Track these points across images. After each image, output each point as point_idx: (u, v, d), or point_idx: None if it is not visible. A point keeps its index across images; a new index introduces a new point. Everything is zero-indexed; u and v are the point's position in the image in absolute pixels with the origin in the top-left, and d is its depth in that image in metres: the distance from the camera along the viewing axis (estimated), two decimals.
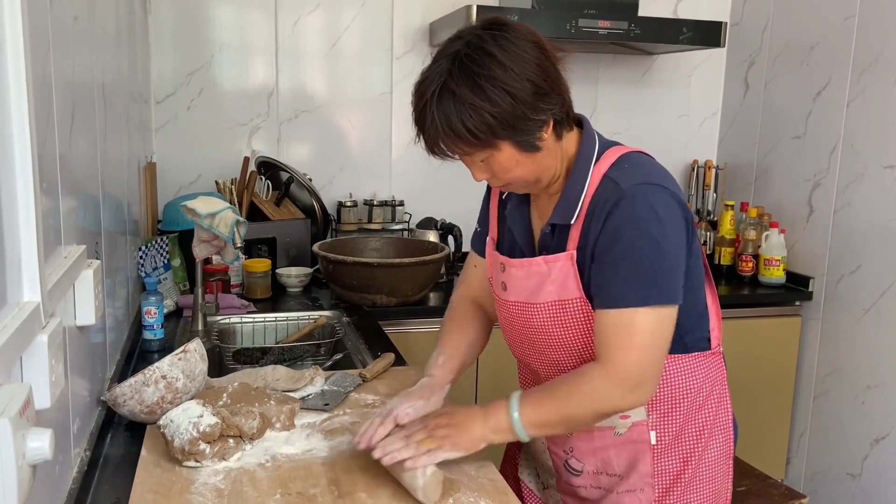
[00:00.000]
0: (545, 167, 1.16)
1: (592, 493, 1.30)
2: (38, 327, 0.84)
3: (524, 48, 1.06)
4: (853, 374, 2.52)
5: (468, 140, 1.07)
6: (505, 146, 1.09)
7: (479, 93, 1.04)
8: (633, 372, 1.12)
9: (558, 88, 1.11)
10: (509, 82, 1.04)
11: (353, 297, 2.28)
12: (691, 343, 1.25)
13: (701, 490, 1.27)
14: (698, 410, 1.27)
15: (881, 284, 2.40)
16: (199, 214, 1.82)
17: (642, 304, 1.10)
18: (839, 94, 2.54)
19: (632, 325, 1.11)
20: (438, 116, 1.06)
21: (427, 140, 1.12)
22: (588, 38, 2.48)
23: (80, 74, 1.24)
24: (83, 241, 1.19)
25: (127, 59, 1.95)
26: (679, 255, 1.14)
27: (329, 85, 2.77)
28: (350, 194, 2.79)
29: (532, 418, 1.14)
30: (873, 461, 2.44)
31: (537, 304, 1.22)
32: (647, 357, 1.12)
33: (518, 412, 1.14)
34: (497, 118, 1.05)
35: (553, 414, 1.15)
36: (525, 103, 1.05)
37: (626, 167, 1.16)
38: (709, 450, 1.28)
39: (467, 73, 1.04)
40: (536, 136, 1.10)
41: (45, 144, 0.93)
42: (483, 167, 1.15)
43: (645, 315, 1.11)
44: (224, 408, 1.29)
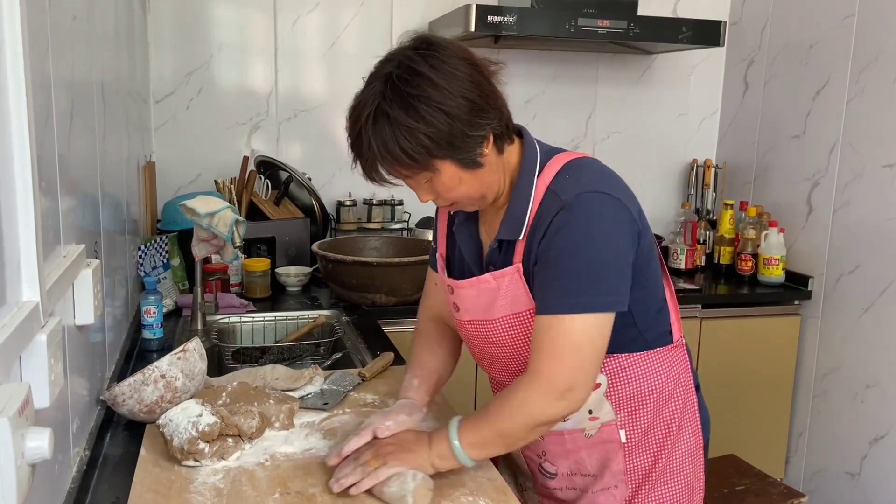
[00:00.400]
0: (489, 183, 1.15)
1: (568, 493, 1.31)
2: (37, 326, 0.84)
3: (455, 65, 1.05)
4: (852, 374, 2.52)
5: (406, 163, 1.06)
6: (445, 165, 1.08)
7: (414, 114, 1.03)
8: (558, 378, 1.10)
9: (494, 102, 1.10)
10: (444, 101, 1.03)
11: (352, 297, 2.28)
12: (652, 339, 1.25)
13: (673, 483, 1.28)
14: (665, 405, 1.27)
15: (880, 283, 2.40)
16: (198, 214, 1.82)
17: (572, 310, 1.09)
18: (838, 93, 2.55)
19: (559, 332, 1.09)
20: (375, 141, 1.05)
21: (364, 165, 1.10)
22: (587, 37, 2.48)
23: (80, 74, 1.24)
24: (82, 241, 1.19)
25: (126, 58, 1.95)
26: (621, 261, 1.12)
27: (328, 84, 2.77)
28: (349, 193, 2.79)
29: (470, 440, 1.13)
30: (872, 460, 2.44)
31: (492, 321, 1.22)
32: (574, 363, 1.10)
33: (457, 438, 1.13)
34: (433, 138, 1.04)
35: (488, 432, 1.14)
36: (461, 121, 1.04)
37: (567, 177, 1.15)
38: (679, 443, 1.29)
39: (400, 95, 1.03)
40: (477, 152, 1.09)
41: (44, 144, 0.93)
42: (427, 188, 1.13)
43: (574, 322, 1.09)
44: (223, 407, 1.29)
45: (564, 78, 2.97)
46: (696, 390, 1.35)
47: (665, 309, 1.28)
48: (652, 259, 1.22)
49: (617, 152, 3.07)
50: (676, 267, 2.86)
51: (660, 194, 3.15)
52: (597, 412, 1.25)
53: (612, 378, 1.23)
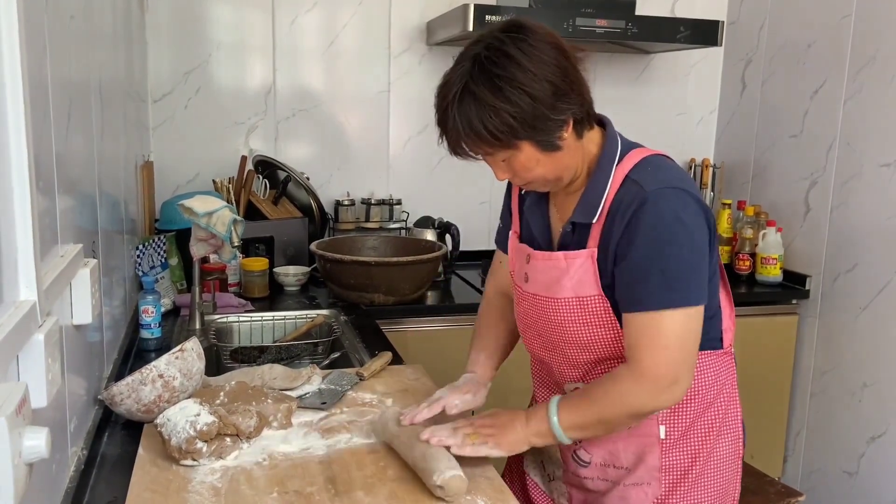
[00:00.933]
0: (566, 166, 1.18)
1: (599, 485, 1.31)
2: (35, 326, 0.84)
3: (543, 50, 1.09)
4: (850, 372, 2.52)
5: (489, 141, 1.10)
6: (525, 146, 1.11)
7: (499, 94, 1.06)
8: (662, 372, 1.13)
9: (578, 88, 1.12)
10: (528, 83, 1.06)
11: (350, 296, 2.28)
12: (703, 341, 1.25)
13: (708, 488, 1.28)
14: (707, 408, 1.27)
15: (878, 282, 2.41)
16: (196, 213, 1.82)
17: (667, 306, 1.12)
18: (836, 92, 2.55)
19: (658, 328, 1.13)
20: (460, 118, 1.09)
21: (450, 141, 1.14)
22: (585, 36, 2.48)
23: (77, 73, 1.24)
24: (80, 240, 1.19)
25: (124, 57, 1.95)
26: (702, 257, 1.15)
27: (326, 83, 2.77)
28: (347, 193, 2.79)
29: (570, 421, 1.18)
30: (870, 459, 2.45)
31: (556, 299, 1.24)
32: (676, 356, 1.14)
33: (556, 416, 1.18)
34: (517, 119, 1.07)
35: (589, 417, 1.18)
36: (544, 103, 1.07)
37: (649, 170, 1.17)
38: (718, 448, 1.29)
39: (487, 75, 1.07)
40: (556, 135, 1.11)
41: (41, 143, 0.93)
42: (505, 167, 1.17)
43: (671, 316, 1.12)
44: (221, 406, 1.29)
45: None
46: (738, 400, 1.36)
47: (718, 315, 1.29)
48: (715, 263, 1.24)
49: None
50: None
51: None
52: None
53: None
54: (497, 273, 1.49)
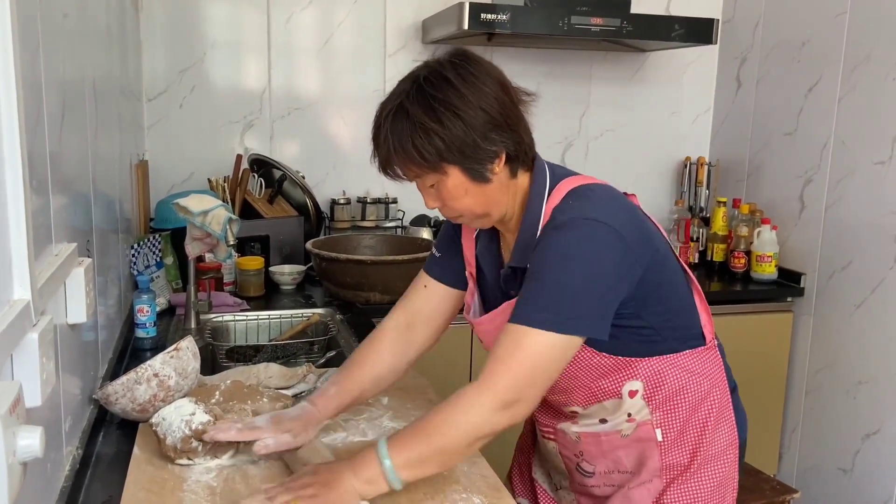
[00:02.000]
0: (495, 201, 1.16)
1: (605, 490, 1.32)
2: (29, 325, 0.84)
3: (484, 81, 1.10)
4: (845, 370, 2.53)
5: (417, 160, 1.09)
6: (454, 171, 1.11)
7: (432, 115, 1.07)
8: (507, 388, 1.08)
9: (514, 125, 1.12)
10: (462, 108, 1.07)
11: (346, 295, 2.27)
12: (682, 342, 1.26)
13: (707, 478, 1.28)
14: (700, 404, 1.28)
15: (872, 280, 2.41)
16: (191, 212, 1.82)
17: (533, 325, 1.08)
18: (830, 90, 2.55)
19: (517, 343, 1.08)
20: (392, 135, 1.09)
21: (380, 158, 1.14)
22: (580, 35, 2.48)
23: (71, 72, 1.24)
24: (74, 239, 1.18)
25: (118, 56, 1.95)
26: (602, 289, 1.10)
27: (322, 82, 2.77)
28: (343, 192, 2.79)
29: (404, 459, 1.07)
30: (864, 456, 2.46)
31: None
32: (527, 377, 1.08)
33: (388, 459, 1.06)
34: (446, 141, 1.07)
35: (426, 449, 1.08)
36: (476, 131, 1.08)
37: (570, 203, 1.15)
38: (715, 441, 1.29)
39: (423, 96, 1.08)
40: (486, 166, 1.11)
41: (34, 142, 0.93)
42: (434, 193, 1.15)
43: (534, 336, 1.08)
44: (216, 406, 1.29)
45: (558, 76, 2.97)
46: (731, 391, 1.36)
47: (693, 313, 1.28)
48: (666, 274, 1.22)
49: (610, 150, 3.07)
50: None
51: (653, 192, 3.16)
52: (634, 414, 1.26)
53: (650, 382, 1.23)
54: (415, 299, 1.39)
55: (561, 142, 3.03)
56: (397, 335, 1.37)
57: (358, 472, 1.07)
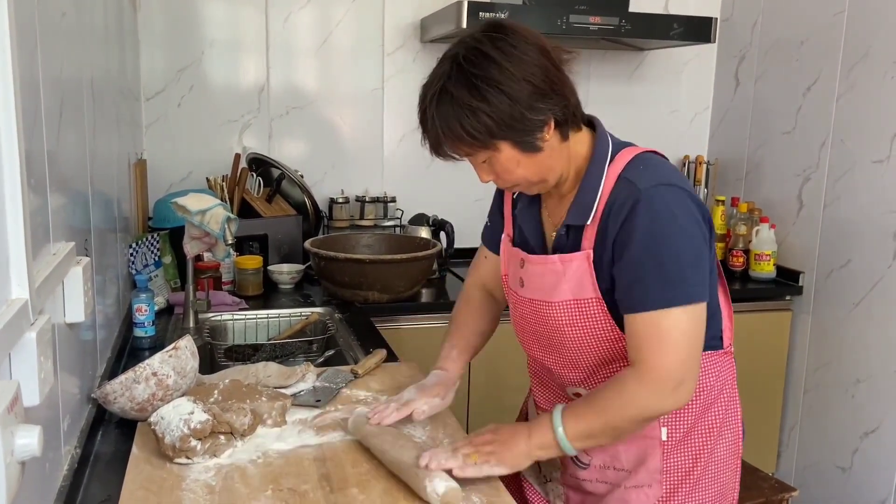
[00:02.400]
0: (549, 167, 1.17)
1: (598, 487, 1.30)
2: (27, 324, 0.84)
3: (523, 50, 1.08)
4: (843, 368, 2.53)
5: (467, 141, 1.09)
6: (504, 146, 1.11)
7: (476, 94, 1.06)
8: (668, 374, 1.11)
9: (560, 89, 1.11)
10: (505, 83, 1.06)
11: (344, 294, 2.27)
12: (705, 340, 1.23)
13: (709, 488, 1.28)
14: (709, 408, 1.27)
15: (871, 278, 2.42)
16: (189, 211, 1.82)
17: (668, 305, 1.10)
18: (829, 89, 2.56)
19: (660, 328, 1.11)
20: (438, 119, 1.09)
21: (430, 142, 1.14)
22: (579, 33, 2.48)
23: (69, 71, 1.24)
24: (72, 239, 1.18)
25: (116, 55, 1.95)
26: (699, 254, 1.14)
27: (320, 81, 2.77)
28: (342, 191, 2.79)
29: (576, 431, 1.14)
30: (863, 454, 2.46)
31: (553, 303, 1.22)
32: (681, 356, 1.12)
33: (562, 427, 1.14)
34: (494, 119, 1.07)
35: (596, 425, 1.15)
36: (522, 103, 1.07)
37: (641, 168, 1.16)
38: (718, 448, 1.28)
39: (464, 75, 1.07)
40: (537, 136, 1.11)
41: (32, 141, 0.93)
42: (486, 168, 1.16)
43: (672, 315, 1.11)
44: (215, 404, 1.29)
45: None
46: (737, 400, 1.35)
47: (717, 315, 1.29)
48: (712, 261, 1.23)
49: None
50: None
51: None
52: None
53: None
54: (480, 267, 1.48)
55: None
56: (483, 295, 1.48)
57: (533, 437, 1.16)
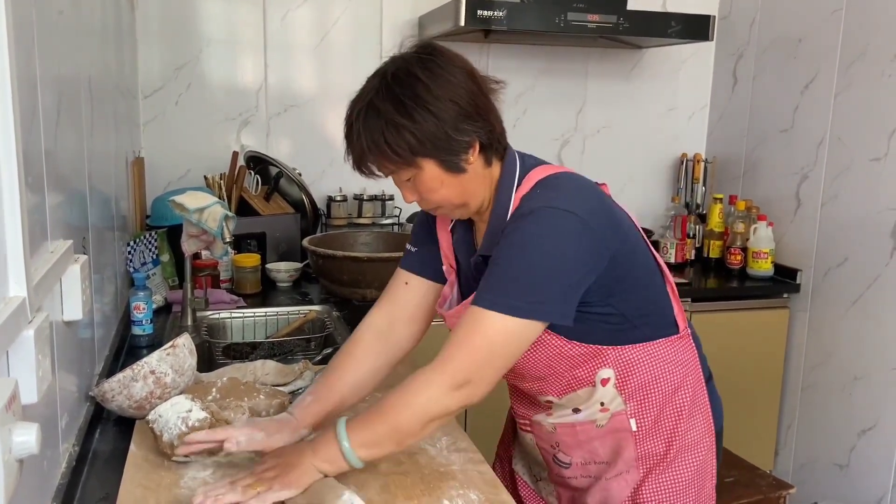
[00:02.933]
0: (471, 192, 1.17)
1: (582, 481, 1.33)
2: (25, 322, 0.84)
3: (451, 72, 1.10)
4: (840, 366, 2.54)
5: (391, 157, 1.10)
6: (428, 165, 1.12)
7: (402, 110, 1.08)
8: (460, 368, 1.09)
9: (485, 114, 1.13)
10: (432, 102, 1.08)
11: (343, 292, 2.28)
12: (655, 331, 1.26)
13: (683, 467, 1.29)
14: (674, 393, 1.28)
15: (867, 277, 2.42)
16: (187, 209, 1.82)
17: (491, 308, 1.09)
18: (826, 87, 2.56)
19: (474, 325, 1.10)
20: (364, 133, 1.11)
21: (354, 156, 1.15)
22: (577, 31, 2.48)
23: (66, 69, 1.23)
24: (70, 236, 1.18)
25: (114, 53, 1.94)
26: (567, 276, 1.10)
27: (318, 79, 2.77)
28: (340, 189, 2.79)
29: (362, 439, 1.09)
30: (860, 452, 2.47)
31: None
32: (480, 358, 1.09)
33: (346, 437, 1.09)
34: (418, 136, 1.08)
35: (382, 428, 1.10)
36: (447, 123, 1.08)
37: (538, 192, 1.16)
38: (691, 430, 1.30)
39: (392, 92, 1.09)
40: (461, 157, 1.12)
41: (30, 139, 0.93)
42: (410, 187, 1.17)
43: (491, 318, 1.09)
44: (213, 402, 1.29)
45: (554, 72, 2.97)
46: (707, 380, 1.36)
47: (664, 302, 1.29)
48: (637, 262, 1.23)
49: (607, 147, 3.07)
50: (666, 261, 2.86)
51: (649, 189, 3.16)
52: (608, 404, 1.26)
53: (620, 370, 1.24)
54: (395, 297, 1.37)
55: (557, 138, 3.03)
56: (377, 337, 1.34)
57: (318, 452, 1.10)
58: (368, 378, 1.32)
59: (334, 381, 1.29)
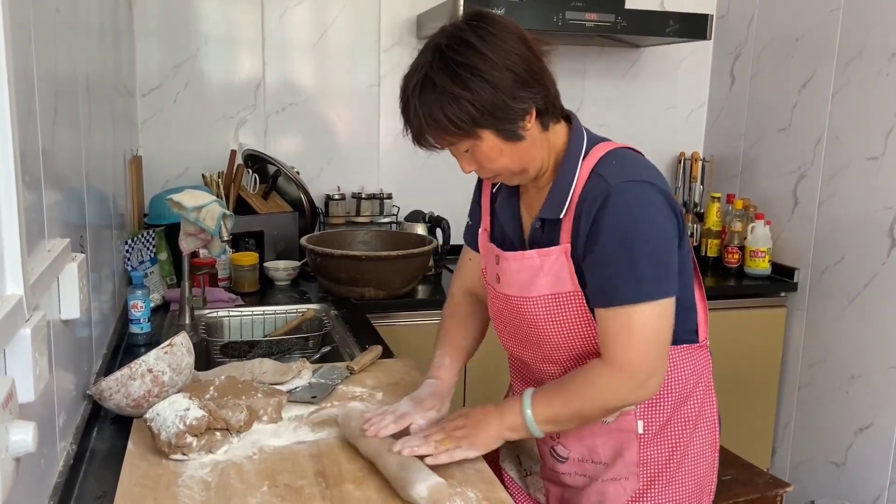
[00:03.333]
0: (531, 157, 1.17)
1: (577, 480, 1.32)
2: (22, 320, 0.84)
3: (504, 39, 1.09)
4: (837, 365, 2.54)
5: (450, 129, 1.10)
6: (487, 135, 1.11)
7: (459, 82, 1.06)
8: (638, 368, 1.14)
9: (541, 79, 1.12)
10: (488, 71, 1.06)
11: (340, 291, 2.28)
12: (678, 335, 1.25)
13: (685, 481, 1.28)
14: (684, 402, 1.28)
15: (865, 275, 2.42)
16: (185, 208, 1.82)
17: (638, 300, 1.12)
18: (824, 86, 2.56)
19: (631, 322, 1.13)
20: (421, 107, 1.10)
21: (413, 131, 1.15)
22: (575, 30, 2.48)
23: (63, 67, 1.23)
24: (67, 235, 1.18)
25: (111, 51, 1.94)
26: (670, 250, 1.15)
27: (316, 77, 2.76)
28: (338, 187, 2.79)
29: (544, 415, 1.18)
30: (857, 450, 2.47)
31: (530, 298, 1.23)
32: (651, 351, 1.14)
33: (531, 409, 1.17)
34: (476, 107, 1.07)
35: (564, 411, 1.18)
36: (504, 91, 1.08)
37: (613, 163, 1.17)
38: (694, 441, 1.29)
39: (447, 64, 1.07)
40: (518, 124, 1.12)
41: (27, 137, 0.93)
42: (469, 158, 1.16)
43: (643, 310, 1.12)
44: (211, 401, 1.29)
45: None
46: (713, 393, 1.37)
47: (693, 308, 1.29)
48: (686, 256, 1.23)
49: None
50: None
51: None
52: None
53: None
54: (465, 271, 1.47)
55: None
56: (470, 300, 1.46)
57: (504, 418, 1.19)
58: (478, 333, 1.46)
59: (459, 340, 1.42)
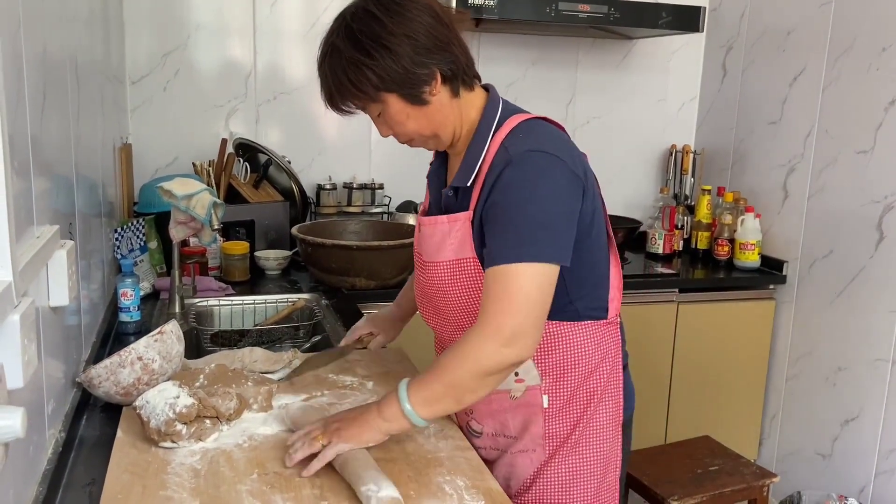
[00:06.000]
0: (439, 122, 1.22)
1: (491, 453, 1.36)
2: (10, 306, 0.84)
3: (408, 8, 1.15)
4: (825, 357, 2.56)
5: (354, 93, 1.18)
6: (392, 99, 1.17)
7: (360, 49, 1.14)
8: (505, 324, 1.11)
9: (447, 46, 1.17)
10: (387, 38, 1.13)
11: (331, 280, 2.28)
12: (584, 311, 1.27)
13: (585, 453, 1.30)
14: (589, 376, 1.30)
15: (852, 268, 2.44)
16: (175, 196, 1.81)
17: (516, 260, 1.12)
18: (814, 79, 2.57)
19: (506, 281, 1.13)
20: (329, 72, 1.18)
21: (324, 94, 1.22)
22: (568, 21, 2.48)
23: (52, 53, 1.22)
24: (56, 222, 1.17)
25: (101, 38, 1.93)
26: (562, 219, 1.15)
27: (308, 66, 2.75)
28: (329, 177, 2.78)
29: (420, 397, 1.14)
30: (843, 442, 2.50)
31: (439, 263, 1.27)
32: (522, 310, 1.12)
33: (406, 391, 1.15)
34: (376, 72, 1.14)
35: (438, 386, 1.14)
36: (403, 58, 1.14)
37: (520, 136, 1.20)
38: (597, 415, 1.31)
39: (350, 32, 1.15)
40: (423, 89, 1.17)
41: (15, 123, 0.92)
42: (381, 122, 1.24)
43: (517, 269, 1.12)
44: (200, 389, 1.29)
45: (545, 62, 2.97)
46: (623, 369, 1.37)
47: (604, 285, 1.30)
48: (594, 230, 1.25)
49: (597, 137, 3.08)
50: (654, 251, 2.88)
51: (638, 179, 3.17)
52: (523, 375, 1.28)
53: (542, 344, 1.25)
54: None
55: None
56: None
57: (382, 411, 1.16)
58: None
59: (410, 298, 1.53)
